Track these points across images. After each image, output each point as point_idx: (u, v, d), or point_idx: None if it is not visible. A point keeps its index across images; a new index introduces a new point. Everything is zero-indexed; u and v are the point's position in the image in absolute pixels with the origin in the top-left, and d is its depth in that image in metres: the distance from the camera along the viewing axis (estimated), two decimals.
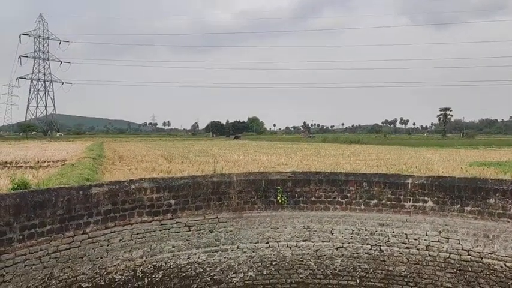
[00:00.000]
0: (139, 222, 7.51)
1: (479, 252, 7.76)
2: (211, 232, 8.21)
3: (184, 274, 7.93)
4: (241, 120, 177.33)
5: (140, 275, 7.46)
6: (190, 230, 8.03)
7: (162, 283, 7.66)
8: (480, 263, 7.74)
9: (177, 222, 7.89)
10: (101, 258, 7.01)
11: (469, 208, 7.90)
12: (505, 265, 7.48)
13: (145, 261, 7.52)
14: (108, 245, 7.10)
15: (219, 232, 8.29)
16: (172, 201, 7.86)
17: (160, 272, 7.68)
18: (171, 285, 7.72)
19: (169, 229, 7.82)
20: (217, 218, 8.28)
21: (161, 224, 7.73)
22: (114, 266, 7.16)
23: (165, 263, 7.76)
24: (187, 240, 7.99)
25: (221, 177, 8.54)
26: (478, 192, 7.84)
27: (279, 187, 8.72)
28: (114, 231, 7.19)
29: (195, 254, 8.03)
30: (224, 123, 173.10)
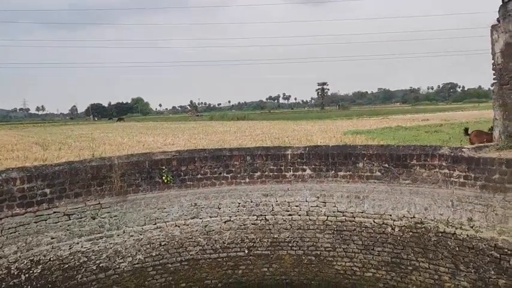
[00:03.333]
0: (9, 215, 6.87)
1: (352, 213, 8.52)
2: (93, 219, 7.84)
3: (67, 265, 7.49)
4: (125, 102, 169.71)
5: (15, 272, 6.87)
6: (70, 219, 7.58)
7: (42, 277, 7.17)
8: (353, 222, 8.51)
9: (54, 212, 7.38)
10: None
11: (342, 173, 8.60)
12: (374, 221, 8.33)
13: (20, 256, 6.94)
14: None
15: (103, 218, 7.95)
16: (48, 190, 7.32)
17: (39, 266, 7.17)
18: (52, 278, 7.25)
19: (46, 220, 7.28)
20: (99, 203, 7.92)
21: (36, 216, 7.16)
22: None
23: (44, 256, 7.25)
24: (68, 230, 7.53)
25: (101, 161, 8.15)
26: (349, 158, 8.55)
27: (163, 167, 8.60)
28: None
29: (78, 243, 7.62)
30: (106, 105, 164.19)
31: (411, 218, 7.97)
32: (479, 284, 7.17)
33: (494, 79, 7.62)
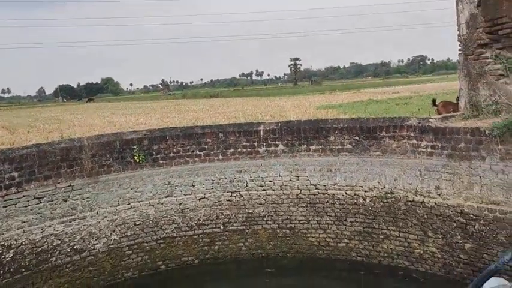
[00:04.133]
0: None
1: (324, 185, 8.67)
2: (65, 201, 7.73)
3: (40, 249, 7.40)
4: (95, 82, 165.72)
5: None
6: (41, 202, 7.45)
7: (15, 262, 7.06)
8: (326, 195, 8.67)
9: (24, 196, 7.24)
10: None
11: (314, 147, 8.70)
12: (346, 193, 8.50)
13: None
14: None
15: (75, 200, 7.85)
16: (16, 174, 7.15)
17: (11, 251, 7.05)
18: (25, 262, 7.16)
19: (15, 204, 7.14)
20: (70, 185, 7.80)
21: (5, 200, 7.01)
22: None
23: (16, 241, 7.13)
24: (39, 213, 7.42)
25: (70, 143, 7.99)
26: (320, 132, 8.65)
27: (135, 146, 8.51)
28: None
29: (50, 226, 7.52)
30: (75, 86, 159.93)
31: (381, 188, 8.17)
32: (447, 248, 7.46)
33: (459, 50, 7.76)
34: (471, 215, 7.08)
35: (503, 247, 6.56)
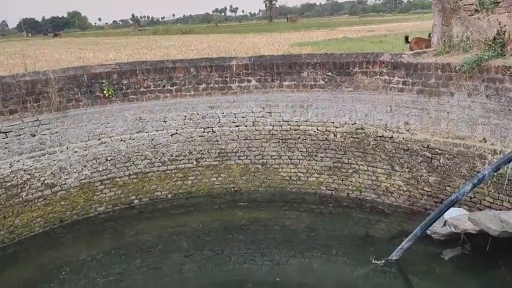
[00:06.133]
0: None
1: (296, 122, 8.73)
2: (33, 136, 7.56)
3: (9, 184, 7.33)
4: (61, 16, 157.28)
5: None
6: (7, 137, 7.28)
7: None
8: (298, 131, 8.75)
9: None
10: None
11: (286, 83, 8.66)
12: (317, 129, 8.60)
13: None
14: None
15: (43, 135, 7.69)
16: None
17: None
18: None
19: None
20: (38, 120, 7.61)
21: None
22: None
23: None
24: (6, 148, 7.27)
25: (35, 76, 7.68)
26: (293, 68, 8.57)
27: (104, 80, 8.27)
28: None
29: (18, 161, 7.40)
30: (40, 19, 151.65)
31: (352, 124, 8.30)
32: (412, 182, 7.76)
33: None
34: (437, 150, 7.32)
35: (465, 180, 6.87)
